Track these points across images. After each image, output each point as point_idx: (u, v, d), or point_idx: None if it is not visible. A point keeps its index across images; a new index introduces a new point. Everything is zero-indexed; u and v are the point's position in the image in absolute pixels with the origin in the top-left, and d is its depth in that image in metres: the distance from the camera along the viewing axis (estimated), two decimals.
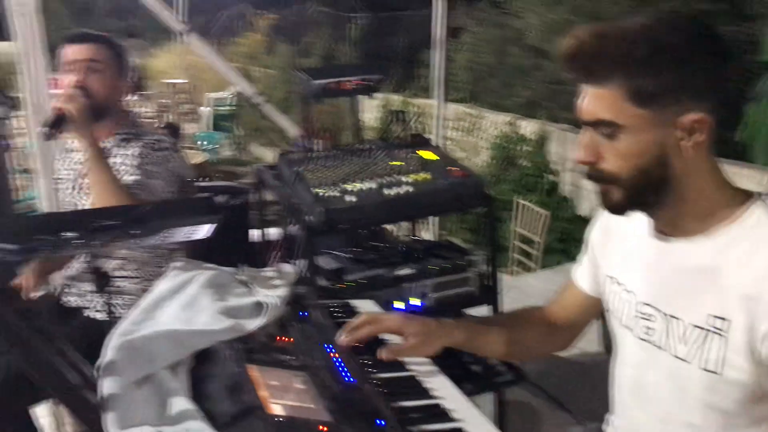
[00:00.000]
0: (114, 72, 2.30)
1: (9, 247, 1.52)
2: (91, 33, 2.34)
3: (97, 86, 2.22)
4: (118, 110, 2.36)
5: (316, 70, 3.05)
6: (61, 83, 2.25)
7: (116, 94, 2.33)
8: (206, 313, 1.30)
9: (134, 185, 2.20)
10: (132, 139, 2.33)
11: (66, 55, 2.26)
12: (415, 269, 2.30)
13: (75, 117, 2.09)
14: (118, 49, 2.36)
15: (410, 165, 2.31)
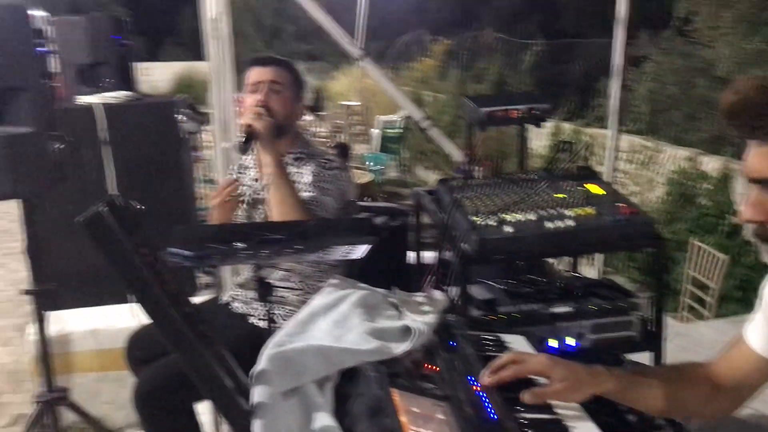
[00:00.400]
0: (292, 94, 2.45)
1: (185, 253, 1.64)
2: (274, 57, 2.51)
3: (277, 106, 2.37)
4: (293, 130, 2.49)
5: (483, 97, 3.04)
6: (245, 103, 2.42)
7: (293, 115, 2.47)
8: (355, 332, 1.33)
9: (310, 201, 2.30)
10: (304, 158, 2.45)
11: (250, 77, 2.43)
12: (572, 307, 2.22)
13: (262, 134, 2.24)
14: (297, 72, 2.51)
15: (574, 198, 2.22)
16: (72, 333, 3.53)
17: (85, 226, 0.93)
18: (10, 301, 5.39)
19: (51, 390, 3.06)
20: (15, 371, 4.19)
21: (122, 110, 3.73)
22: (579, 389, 1.34)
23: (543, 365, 1.36)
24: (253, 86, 2.40)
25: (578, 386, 1.33)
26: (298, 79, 2.50)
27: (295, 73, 2.49)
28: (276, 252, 1.71)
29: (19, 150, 2.70)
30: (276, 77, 2.40)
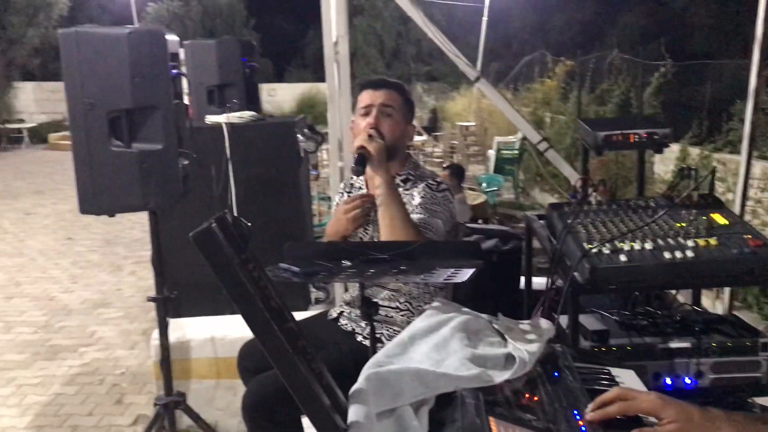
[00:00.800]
0: (403, 116, 2.48)
1: (293, 269, 1.69)
2: (386, 79, 2.54)
3: (388, 129, 2.41)
4: (402, 152, 2.52)
5: (600, 120, 2.94)
6: (357, 125, 2.47)
7: (404, 137, 2.50)
8: (455, 358, 1.31)
9: (420, 223, 2.30)
10: (413, 180, 2.47)
11: (362, 100, 2.48)
12: (691, 343, 2.09)
13: (374, 157, 2.27)
14: (408, 94, 2.54)
15: (696, 228, 2.10)
16: (191, 340, 3.70)
17: (195, 240, 0.97)
18: (139, 306, 5.74)
19: (169, 394, 3.22)
20: (140, 374, 4.45)
21: (245, 129, 3.91)
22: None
23: (653, 404, 1.28)
24: (365, 109, 2.45)
25: (690, 429, 1.25)
26: (408, 101, 2.53)
27: (406, 95, 2.52)
28: (381, 272, 1.73)
29: (150, 165, 2.88)
30: (387, 100, 2.44)
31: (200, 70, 4.54)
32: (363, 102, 2.47)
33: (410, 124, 2.54)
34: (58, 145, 18.43)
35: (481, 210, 7.34)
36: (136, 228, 8.71)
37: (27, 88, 23.31)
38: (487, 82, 5.71)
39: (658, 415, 1.26)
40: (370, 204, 2.43)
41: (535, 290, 2.74)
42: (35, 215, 10.20)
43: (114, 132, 2.86)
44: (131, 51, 2.80)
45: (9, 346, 5.03)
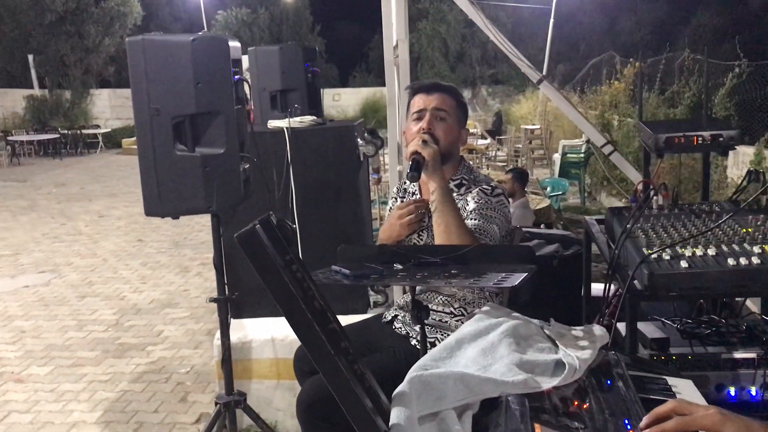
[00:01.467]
0: (456, 120, 2.44)
1: (344, 271, 1.71)
2: (438, 83, 2.49)
3: (441, 133, 2.37)
4: (456, 156, 2.49)
5: (662, 122, 2.86)
6: (409, 130, 2.44)
7: (457, 141, 2.46)
8: (502, 363, 1.30)
9: (475, 229, 2.27)
10: (467, 184, 2.44)
11: (414, 104, 2.45)
12: (757, 354, 2.01)
13: (429, 162, 2.24)
14: (461, 97, 2.49)
15: (763, 233, 2.02)
16: (252, 341, 3.77)
17: (239, 241, 1.00)
18: (204, 307, 5.89)
19: (230, 393, 3.29)
20: (204, 373, 4.56)
21: (305, 134, 3.95)
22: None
23: (713, 420, 1.22)
24: (418, 113, 2.41)
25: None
26: (461, 104, 2.48)
27: (459, 98, 2.48)
28: (432, 275, 1.72)
29: (212, 169, 2.95)
30: (440, 104, 2.39)
31: (264, 76, 4.62)
32: (415, 106, 2.43)
33: (464, 127, 2.49)
34: (131, 149, 19.12)
35: (544, 214, 7.22)
36: (203, 231, 8.95)
37: (103, 95, 24.29)
38: (552, 84, 5.63)
39: (720, 429, 1.20)
40: (424, 209, 2.41)
41: (594, 297, 2.69)
42: (108, 217, 10.60)
43: (178, 137, 2.95)
44: (195, 58, 2.88)
45: (81, 343, 5.24)
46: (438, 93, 2.42)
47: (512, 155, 14.50)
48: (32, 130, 21.33)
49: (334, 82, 26.64)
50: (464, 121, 2.49)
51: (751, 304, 2.84)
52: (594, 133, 5.10)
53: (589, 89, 15.65)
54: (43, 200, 12.47)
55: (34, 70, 23.39)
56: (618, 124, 11.94)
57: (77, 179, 15.27)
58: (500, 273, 1.68)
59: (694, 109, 10.93)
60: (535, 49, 19.51)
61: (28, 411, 4.12)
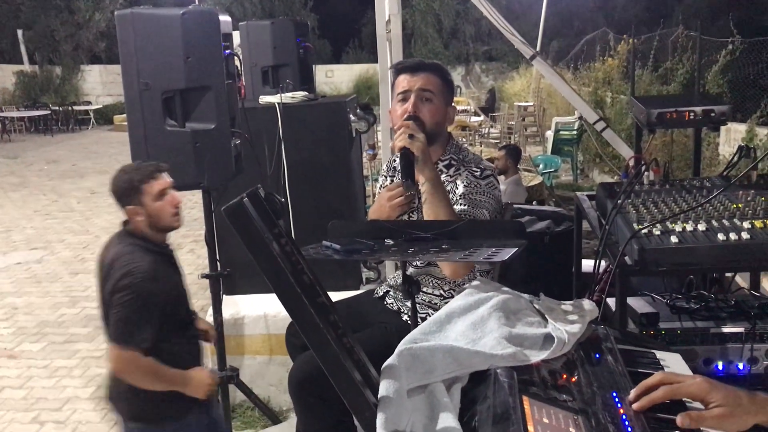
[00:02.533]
0: (442, 100, 2.33)
1: (335, 246, 1.70)
2: (424, 62, 2.38)
3: (428, 115, 2.27)
4: (444, 136, 2.40)
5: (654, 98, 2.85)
6: (395, 111, 2.34)
7: (443, 121, 2.36)
8: (491, 336, 1.30)
9: (463, 215, 2.22)
10: (455, 165, 2.37)
11: (399, 84, 2.33)
12: (745, 328, 2.02)
13: (419, 156, 2.13)
14: (447, 75, 2.39)
15: (753, 209, 2.02)
16: (245, 317, 3.78)
17: (227, 214, 0.99)
18: (197, 284, 5.87)
19: (223, 369, 3.30)
20: None
21: (297, 110, 3.94)
22: (739, 417, 1.21)
23: (699, 388, 1.24)
24: (402, 94, 2.31)
25: (739, 414, 1.21)
26: (447, 81, 2.38)
27: (445, 76, 2.37)
28: (422, 250, 1.72)
29: (203, 144, 2.94)
30: (425, 84, 2.28)
31: (255, 51, 4.59)
32: (400, 87, 2.32)
33: (450, 105, 2.40)
34: (122, 126, 18.95)
35: (537, 192, 7.23)
36: (195, 208, 8.90)
37: (94, 71, 24.05)
38: (546, 61, 5.60)
39: (705, 399, 1.22)
40: (413, 190, 2.36)
41: (585, 273, 2.70)
42: (100, 194, 10.55)
43: (168, 112, 2.93)
44: (185, 32, 2.85)
45: (74, 320, 5.24)
46: (423, 73, 2.30)
47: (505, 132, 14.48)
48: (23, 107, 21.15)
49: (327, 59, 26.43)
50: (451, 99, 2.40)
51: (741, 279, 2.86)
52: (586, 109, 5.09)
53: (582, 66, 15.58)
54: (35, 177, 12.40)
55: (23, 45, 23.11)
56: (611, 101, 11.92)
57: (69, 156, 15.18)
58: (491, 248, 1.68)
59: (687, 86, 10.91)
60: (529, 25, 19.38)
61: (21, 387, 4.13)
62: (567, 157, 11.44)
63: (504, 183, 6.70)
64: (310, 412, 2.33)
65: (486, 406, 1.13)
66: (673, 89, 11.01)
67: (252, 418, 3.62)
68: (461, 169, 2.36)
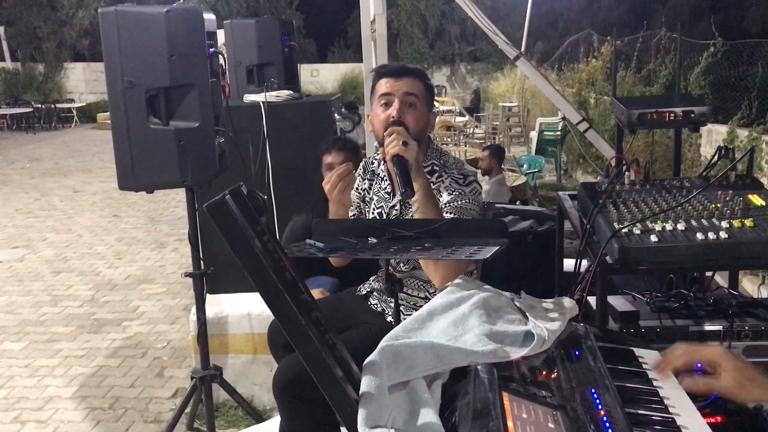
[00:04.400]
0: (425, 105, 2.32)
1: (318, 244, 1.71)
2: (407, 67, 2.36)
3: (412, 121, 2.24)
4: (425, 141, 2.37)
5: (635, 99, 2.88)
6: (376, 116, 2.30)
7: (426, 126, 2.34)
8: (472, 334, 1.32)
9: None
10: (437, 171, 2.36)
11: (381, 88, 2.29)
12: (723, 326, 2.05)
13: (413, 164, 2.10)
14: (428, 81, 2.37)
15: (731, 209, 2.06)
16: (228, 315, 3.77)
17: (209, 212, 1.00)
18: (181, 283, 5.87)
19: (206, 368, 3.30)
20: (180, 348, 4.56)
21: (282, 108, 3.94)
22: (749, 391, 1.26)
23: (717, 354, 1.31)
24: (385, 98, 2.27)
25: (749, 386, 1.26)
26: (429, 87, 2.36)
27: (427, 81, 2.36)
28: (406, 248, 1.73)
29: (187, 142, 2.93)
30: (409, 89, 2.26)
31: (240, 50, 4.58)
32: (381, 90, 2.28)
33: (432, 111, 2.38)
34: (106, 124, 18.83)
35: (521, 191, 7.27)
36: (179, 206, 8.89)
37: (77, 69, 23.84)
38: (530, 61, 5.63)
39: (720, 364, 1.28)
40: (347, 172, 2.34)
41: (567, 272, 2.72)
42: (83, 193, 10.48)
43: (152, 110, 2.92)
44: (169, 29, 2.84)
45: (56, 319, 5.21)
46: (407, 77, 2.28)
47: (490, 132, 14.52)
48: (5, 104, 20.92)
49: (312, 58, 26.38)
50: (432, 105, 2.38)
51: (720, 278, 2.90)
52: (569, 110, 5.13)
53: (566, 67, 15.68)
54: (17, 175, 12.28)
55: (5, 42, 22.86)
56: (595, 102, 11.99)
57: (51, 154, 15.05)
58: (473, 246, 1.70)
59: (669, 88, 11.00)
60: (513, 26, 19.48)
61: (2, 386, 4.10)
62: (551, 157, 11.50)
63: (488, 183, 6.74)
64: (295, 414, 2.34)
65: (466, 401, 1.14)
66: (656, 90, 11.10)
67: (235, 417, 3.62)
68: (444, 176, 2.34)
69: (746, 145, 7.32)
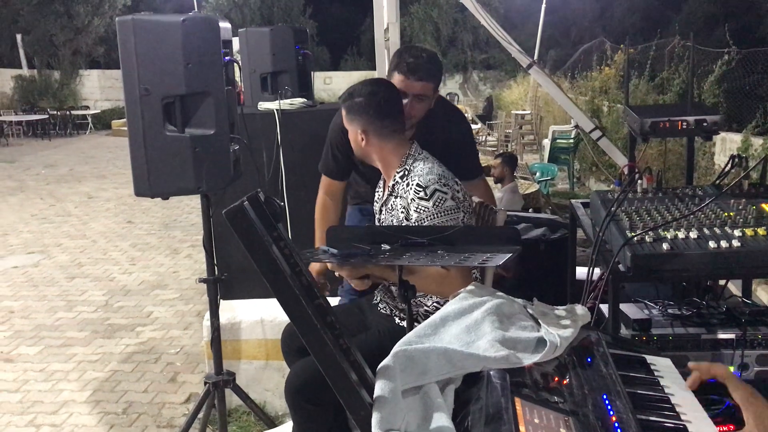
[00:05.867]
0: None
1: (332, 251, 1.73)
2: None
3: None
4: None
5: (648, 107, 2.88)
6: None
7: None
8: (485, 340, 1.33)
9: None
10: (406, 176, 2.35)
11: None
12: (736, 335, 2.05)
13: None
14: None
15: (744, 217, 2.06)
16: (241, 321, 3.80)
17: (228, 217, 1.02)
18: (194, 288, 5.90)
19: (219, 373, 3.32)
20: (193, 353, 4.59)
21: (295, 116, 3.96)
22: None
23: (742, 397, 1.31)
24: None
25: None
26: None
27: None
28: (418, 255, 1.75)
29: (202, 150, 2.96)
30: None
31: (255, 58, 4.61)
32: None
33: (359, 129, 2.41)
34: (120, 131, 19.01)
35: (533, 199, 7.27)
36: (193, 213, 8.95)
37: (92, 76, 24.08)
38: (542, 69, 5.64)
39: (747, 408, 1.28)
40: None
41: (580, 280, 2.72)
42: (98, 199, 10.57)
43: (168, 117, 2.95)
44: (185, 38, 2.88)
45: (71, 324, 5.25)
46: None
47: (502, 140, 14.53)
48: (21, 111, 21.15)
49: (325, 65, 26.52)
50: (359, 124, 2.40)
51: (733, 287, 2.89)
52: (582, 118, 5.13)
53: (579, 75, 15.66)
54: (32, 181, 12.41)
55: (22, 50, 23.13)
56: (608, 110, 11.97)
57: (66, 160, 15.19)
58: (485, 253, 1.72)
59: (683, 96, 10.96)
60: (526, 34, 19.49)
61: (18, 390, 4.14)
62: (563, 165, 11.48)
63: (500, 191, 6.74)
64: (307, 418, 2.35)
65: (479, 406, 1.15)
66: (669, 99, 11.07)
67: (248, 423, 3.63)
68: (409, 185, 2.27)
69: (760, 153, 7.28)
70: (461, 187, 2.30)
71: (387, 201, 2.40)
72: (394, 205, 2.33)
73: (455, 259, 1.67)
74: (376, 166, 2.41)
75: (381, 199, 2.49)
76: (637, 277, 1.98)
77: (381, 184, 2.55)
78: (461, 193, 2.27)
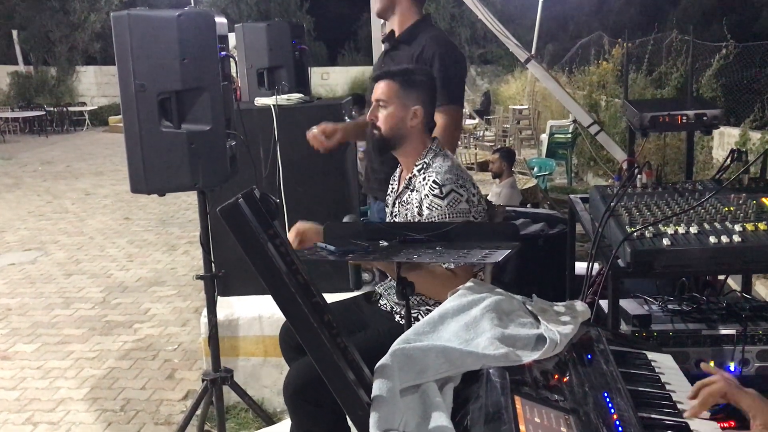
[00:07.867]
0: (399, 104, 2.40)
1: (329, 248, 1.72)
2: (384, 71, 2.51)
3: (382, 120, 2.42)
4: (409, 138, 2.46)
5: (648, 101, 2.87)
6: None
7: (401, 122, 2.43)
8: (484, 337, 1.32)
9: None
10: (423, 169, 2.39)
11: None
12: (736, 330, 2.04)
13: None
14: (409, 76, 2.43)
15: (744, 212, 2.04)
16: (239, 318, 3.78)
17: (222, 215, 1.00)
18: (192, 285, 5.89)
19: (217, 370, 3.30)
20: (191, 350, 4.57)
21: (292, 111, 3.94)
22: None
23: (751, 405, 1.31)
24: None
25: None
26: (410, 83, 2.40)
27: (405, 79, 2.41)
28: (417, 251, 1.73)
29: (198, 146, 2.94)
30: (380, 94, 2.39)
31: (251, 53, 4.58)
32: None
33: (416, 105, 2.37)
34: (117, 127, 18.94)
35: (531, 194, 7.25)
36: (190, 209, 8.92)
37: (89, 72, 24.00)
38: (540, 64, 5.63)
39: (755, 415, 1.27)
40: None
41: (579, 275, 2.71)
42: (95, 195, 10.54)
43: (164, 113, 2.93)
44: (180, 33, 2.85)
45: (68, 321, 5.23)
46: (382, 81, 2.41)
47: (500, 135, 14.50)
48: (17, 107, 21.07)
49: (322, 61, 26.45)
50: (417, 100, 2.37)
51: (733, 282, 2.88)
52: (580, 113, 5.11)
53: (577, 69, 15.63)
54: (29, 178, 12.37)
55: (18, 46, 23.03)
56: (606, 105, 11.96)
57: (63, 157, 15.14)
58: (484, 250, 1.70)
59: (681, 90, 10.95)
60: (524, 28, 19.44)
61: (15, 388, 4.12)
62: (561, 160, 11.46)
63: (498, 186, 6.72)
64: (305, 418, 2.34)
65: (478, 405, 1.14)
66: (668, 93, 11.05)
67: (246, 420, 3.62)
68: (426, 179, 2.30)
69: (759, 147, 7.27)
70: (478, 191, 2.33)
71: (402, 194, 2.40)
72: (410, 199, 2.35)
73: (453, 256, 1.65)
74: (399, 156, 2.40)
75: (395, 192, 2.49)
76: (636, 273, 1.97)
77: (396, 176, 2.55)
78: (476, 197, 2.30)
